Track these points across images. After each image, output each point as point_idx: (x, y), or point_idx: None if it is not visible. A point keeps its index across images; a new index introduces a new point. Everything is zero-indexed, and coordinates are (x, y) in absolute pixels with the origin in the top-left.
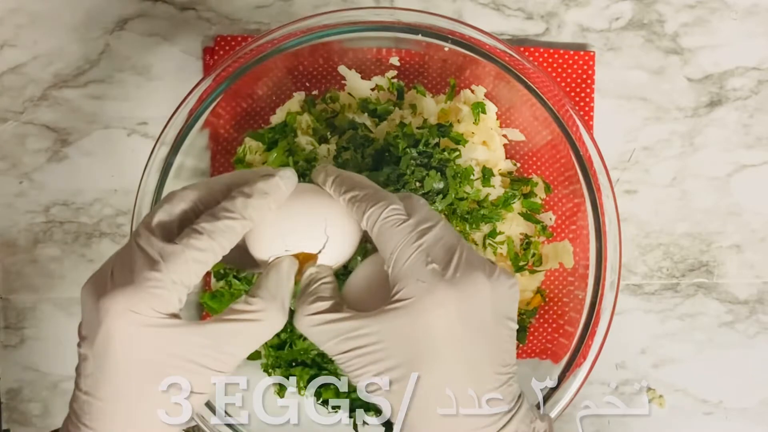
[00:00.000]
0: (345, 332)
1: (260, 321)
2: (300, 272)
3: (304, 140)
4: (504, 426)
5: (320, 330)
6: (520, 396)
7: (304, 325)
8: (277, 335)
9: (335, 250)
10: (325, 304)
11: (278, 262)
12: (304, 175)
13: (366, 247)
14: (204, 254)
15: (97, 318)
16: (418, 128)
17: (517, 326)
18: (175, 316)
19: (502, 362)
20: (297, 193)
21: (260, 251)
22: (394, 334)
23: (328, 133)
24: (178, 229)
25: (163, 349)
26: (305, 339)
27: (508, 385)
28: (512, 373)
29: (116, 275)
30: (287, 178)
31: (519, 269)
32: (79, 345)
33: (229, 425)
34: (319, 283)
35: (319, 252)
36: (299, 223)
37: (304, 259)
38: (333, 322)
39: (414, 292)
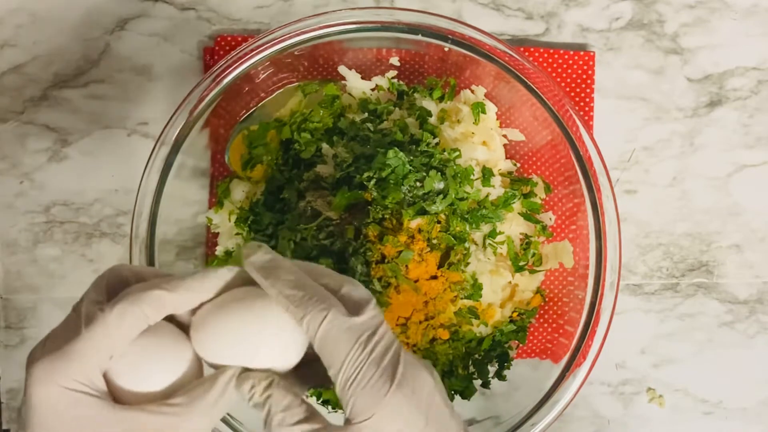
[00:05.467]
0: None
1: (176, 416)
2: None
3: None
4: None
5: None
6: None
7: None
8: None
9: (285, 357)
10: (303, 411)
11: (217, 374)
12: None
13: None
14: (125, 321)
15: (25, 385)
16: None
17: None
18: (97, 389)
19: None
20: (249, 297)
21: (203, 353)
22: None
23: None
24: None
25: (78, 424)
26: None
27: None
28: None
29: (48, 342)
30: (233, 269)
31: (519, 269)
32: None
33: (228, 424)
34: (280, 386)
35: (256, 365)
36: (242, 330)
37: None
38: None
39: (372, 408)
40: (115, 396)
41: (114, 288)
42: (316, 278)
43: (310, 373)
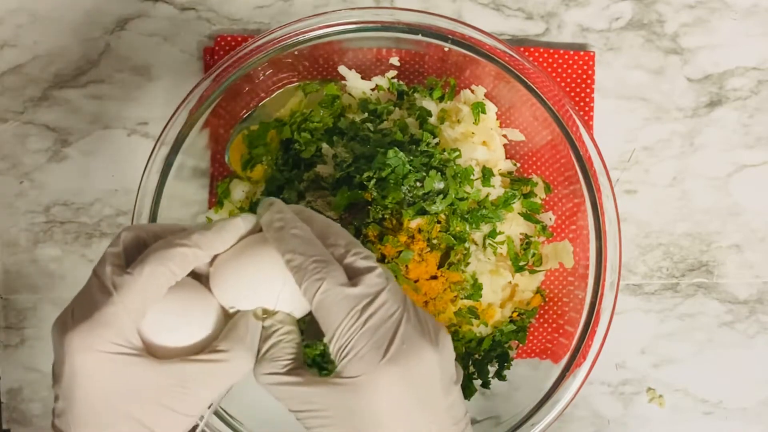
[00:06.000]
0: (296, 396)
1: (226, 362)
2: (263, 319)
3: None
4: None
5: (273, 389)
6: None
7: (259, 382)
8: None
9: (304, 301)
10: (281, 366)
11: (245, 315)
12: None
13: None
14: (155, 280)
15: (62, 356)
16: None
17: (460, 378)
18: (137, 348)
19: (453, 420)
20: (266, 242)
21: (223, 298)
22: (341, 408)
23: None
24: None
25: (126, 385)
26: (303, 341)
27: None
28: (465, 425)
29: (76, 311)
30: (247, 218)
31: (519, 269)
32: (53, 385)
33: (228, 424)
34: (278, 339)
35: (275, 309)
36: (259, 275)
37: (265, 313)
38: (285, 385)
39: (359, 371)
40: (150, 352)
41: (129, 249)
42: (326, 240)
43: None
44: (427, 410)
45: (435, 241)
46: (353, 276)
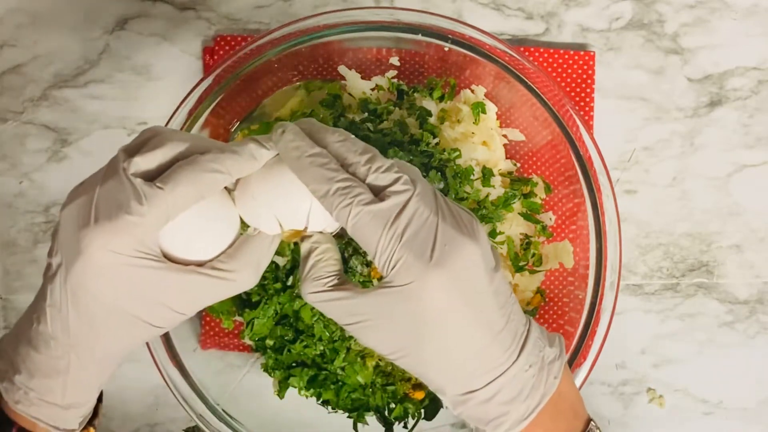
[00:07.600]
0: (345, 309)
1: (230, 280)
2: (300, 240)
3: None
4: (513, 363)
5: (322, 306)
6: (527, 327)
7: (309, 300)
8: (280, 336)
9: (328, 218)
10: (324, 284)
11: (264, 234)
12: None
13: None
14: (184, 199)
15: (77, 248)
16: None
17: (499, 263)
18: (154, 253)
19: (499, 304)
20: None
21: (249, 218)
22: (392, 314)
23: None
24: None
25: (135, 286)
26: (303, 341)
27: (509, 321)
28: (511, 309)
29: (101, 208)
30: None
31: (519, 269)
32: (50, 254)
33: (228, 424)
34: (318, 258)
35: (305, 228)
36: (288, 196)
37: (295, 234)
38: (333, 301)
39: (408, 279)
40: (164, 255)
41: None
42: (345, 161)
43: None
44: (474, 302)
45: None
46: (379, 191)
